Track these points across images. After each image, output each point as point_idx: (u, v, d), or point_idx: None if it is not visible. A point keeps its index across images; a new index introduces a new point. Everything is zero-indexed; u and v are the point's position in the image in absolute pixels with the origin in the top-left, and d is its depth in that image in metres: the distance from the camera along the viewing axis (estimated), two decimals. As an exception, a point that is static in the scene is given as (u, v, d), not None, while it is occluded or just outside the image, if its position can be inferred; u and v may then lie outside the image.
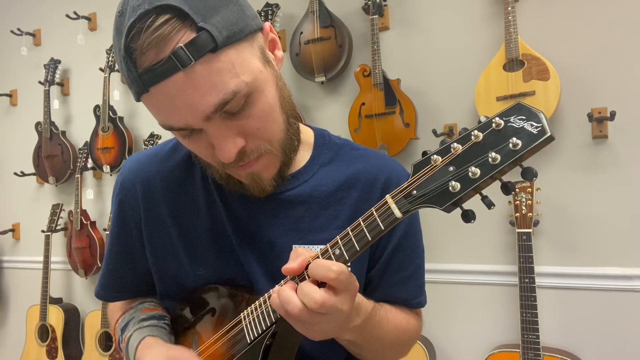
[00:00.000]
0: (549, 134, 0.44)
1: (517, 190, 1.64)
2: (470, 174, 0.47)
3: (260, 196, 0.71)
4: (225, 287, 0.74)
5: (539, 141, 0.45)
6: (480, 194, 0.49)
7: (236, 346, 0.66)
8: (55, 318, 2.59)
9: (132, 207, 0.79)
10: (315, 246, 0.72)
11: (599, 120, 1.63)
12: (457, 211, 0.50)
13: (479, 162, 0.47)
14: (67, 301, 2.79)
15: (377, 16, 1.92)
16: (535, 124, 0.45)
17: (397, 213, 0.52)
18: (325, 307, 0.53)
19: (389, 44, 2.04)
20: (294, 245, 0.72)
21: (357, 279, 0.57)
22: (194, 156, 0.72)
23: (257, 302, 0.65)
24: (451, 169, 0.49)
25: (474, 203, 0.51)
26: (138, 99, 0.59)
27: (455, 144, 0.49)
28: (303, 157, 0.76)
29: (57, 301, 2.73)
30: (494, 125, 0.47)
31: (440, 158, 0.50)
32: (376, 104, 1.92)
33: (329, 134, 0.82)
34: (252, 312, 0.65)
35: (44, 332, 2.62)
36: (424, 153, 0.52)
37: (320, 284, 0.55)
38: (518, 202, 1.63)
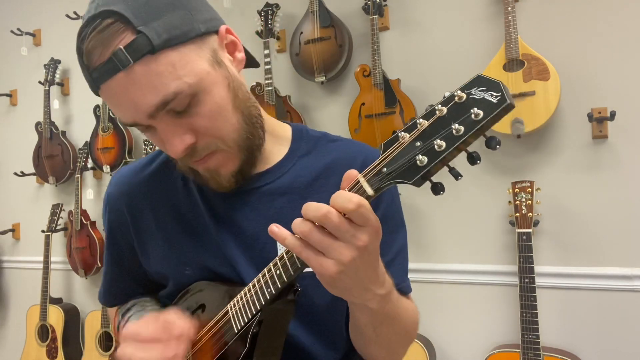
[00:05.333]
0: (508, 102, 0.45)
1: (517, 190, 1.65)
2: (436, 146, 0.48)
3: (219, 191, 0.73)
4: (214, 282, 0.75)
5: (499, 109, 0.45)
6: (448, 166, 0.50)
7: (225, 336, 0.67)
8: (55, 318, 2.59)
9: (120, 221, 0.82)
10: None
11: (599, 120, 1.63)
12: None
13: (444, 135, 0.48)
14: (67, 301, 2.79)
15: (377, 16, 1.92)
16: (495, 94, 0.46)
17: (369, 191, 0.52)
18: (335, 225, 0.50)
19: (389, 44, 2.04)
20: None
21: None
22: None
23: (242, 292, 0.66)
24: (418, 144, 0.49)
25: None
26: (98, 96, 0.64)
27: (420, 120, 0.50)
28: (281, 151, 0.78)
29: (57, 301, 2.73)
30: (456, 98, 0.48)
31: (407, 135, 0.51)
32: (376, 104, 1.92)
33: (307, 128, 0.84)
34: (238, 302, 0.66)
35: (44, 332, 2.62)
36: (393, 132, 0.53)
37: None
38: (518, 202, 1.63)
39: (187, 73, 0.60)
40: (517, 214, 1.62)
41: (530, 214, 1.60)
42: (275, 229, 0.55)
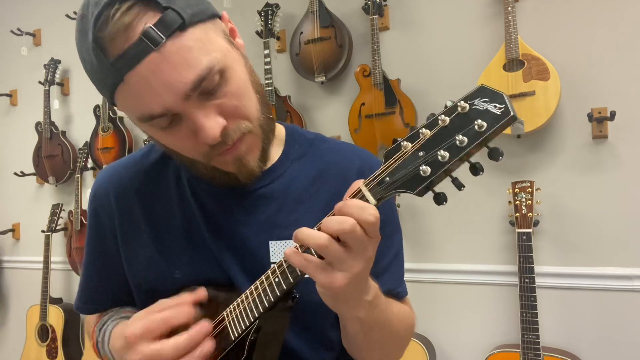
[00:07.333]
0: (512, 114, 0.45)
1: (517, 190, 1.64)
2: (439, 157, 0.48)
3: (248, 181, 0.70)
4: (204, 288, 0.73)
5: (502, 122, 0.46)
6: (450, 177, 0.50)
7: (221, 344, 0.67)
8: (55, 318, 2.59)
9: (107, 215, 0.79)
10: (290, 241, 0.71)
11: (599, 120, 1.63)
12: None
13: (447, 145, 0.48)
14: (67, 301, 2.79)
15: (377, 16, 1.92)
16: (498, 105, 0.46)
17: (372, 200, 0.52)
18: (358, 238, 0.50)
19: (389, 44, 2.04)
20: (269, 242, 0.72)
21: None
22: (176, 156, 0.70)
23: (239, 299, 0.65)
24: (421, 154, 0.50)
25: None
26: (112, 98, 0.59)
27: (423, 130, 0.50)
28: (275, 152, 0.76)
29: (57, 301, 2.73)
30: (459, 109, 0.48)
31: (410, 144, 0.51)
32: (376, 104, 1.92)
33: (300, 128, 0.82)
34: (235, 309, 0.65)
35: (44, 332, 2.62)
36: (394, 140, 0.53)
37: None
38: (518, 202, 1.63)
39: (214, 49, 0.58)
40: (517, 214, 1.62)
41: (530, 214, 1.60)
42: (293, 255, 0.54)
